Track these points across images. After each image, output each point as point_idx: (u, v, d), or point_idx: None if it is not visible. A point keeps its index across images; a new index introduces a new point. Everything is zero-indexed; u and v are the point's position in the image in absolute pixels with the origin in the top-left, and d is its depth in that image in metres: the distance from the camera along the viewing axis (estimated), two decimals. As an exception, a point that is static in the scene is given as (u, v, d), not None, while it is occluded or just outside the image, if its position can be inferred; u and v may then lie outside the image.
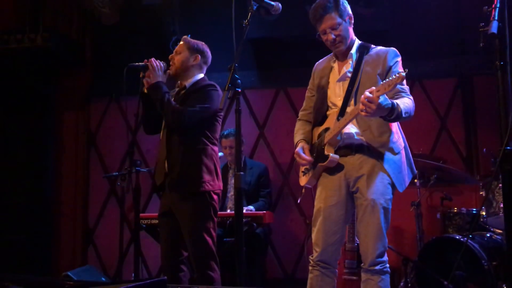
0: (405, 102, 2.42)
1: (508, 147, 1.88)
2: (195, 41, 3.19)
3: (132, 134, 4.66)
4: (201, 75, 3.17)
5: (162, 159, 3.03)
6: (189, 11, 5.05)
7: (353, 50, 2.61)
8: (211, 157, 3.01)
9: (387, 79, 2.23)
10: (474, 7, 2.01)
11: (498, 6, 1.90)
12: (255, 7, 2.35)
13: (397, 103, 2.35)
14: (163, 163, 3.01)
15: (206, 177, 2.95)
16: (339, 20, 2.54)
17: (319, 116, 2.70)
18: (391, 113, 2.32)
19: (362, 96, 2.26)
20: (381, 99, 2.25)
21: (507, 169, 1.88)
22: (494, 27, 1.86)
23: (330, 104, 2.65)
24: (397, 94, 2.47)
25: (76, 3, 5.00)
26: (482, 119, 4.70)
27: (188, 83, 3.12)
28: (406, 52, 2.64)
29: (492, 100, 1.93)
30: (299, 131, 2.77)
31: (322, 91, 2.66)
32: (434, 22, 4.77)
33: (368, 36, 2.71)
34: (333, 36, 2.54)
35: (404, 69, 2.18)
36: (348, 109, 2.54)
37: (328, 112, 2.66)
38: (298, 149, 2.65)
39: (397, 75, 2.19)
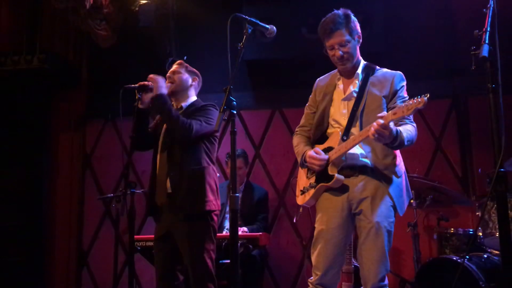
0: (408, 130, 2.41)
1: (502, 169, 1.89)
2: (187, 65, 3.28)
3: (127, 156, 4.66)
4: (196, 97, 3.24)
5: (163, 178, 3.02)
6: (184, 33, 5.12)
7: (359, 70, 2.62)
8: (213, 176, 3.04)
9: (406, 103, 2.21)
10: (469, 28, 2.04)
11: (488, 30, 1.93)
12: (250, 30, 2.37)
13: (400, 131, 2.33)
14: (164, 183, 3.00)
15: (211, 196, 2.97)
16: (348, 37, 2.54)
17: (319, 133, 2.69)
18: (394, 141, 2.31)
19: (375, 122, 2.25)
20: (391, 125, 2.25)
21: (501, 190, 1.89)
22: (485, 51, 1.89)
23: (332, 122, 2.64)
24: (401, 120, 2.46)
25: (73, 25, 5.04)
26: (477, 140, 4.72)
27: (184, 103, 3.17)
28: (400, 73, 2.67)
29: (486, 120, 1.95)
30: (301, 144, 2.74)
31: (324, 108, 2.66)
32: (428, 43, 4.84)
33: (363, 57, 2.74)
34: (340, 53, 2.54)
35: (425, 94, 2.18)
36: (353, 130, 2.54)
37: (329, 131, 2.65)
38: (310, 152, 2.60)
39: (418, 99, 2.16)
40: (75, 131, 5.49)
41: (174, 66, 3.22)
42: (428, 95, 2.16)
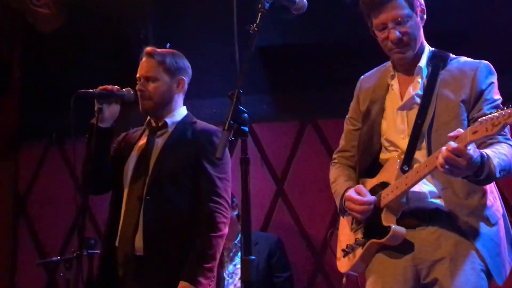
0: (503, 153, 2.38)
1: None
2: (169, 53, 3.24)
3: (82, 196, 4.67)
4: (185, 109, 3.27)
5: (130, 232, 3.02)
6: (167, 9, 5.13)
7: (423, 62, 2.62)
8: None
9: (489, 115, 2.18)
10: None
11: None
12: (267, 5, 2.36)
13: (487, 156, 2.31)
14: (130, 239, 3.01)
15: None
16: (407, 11, 2.52)
17: (367, 160, 2.69)
18: (480, 172, 2.29)
19: (445, 148, 2.23)
20: (470, 149, 2.22)
21: None
22: None
23: (385, 144, 2.64)
24: (490, 138, 2.41)
25: (0, 1, 5.12)
26: None
27: (170, 119, 3.20)
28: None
29: None
30: (340, 179, 2.76)
31: (372, 122, 2.68)
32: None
33: (435, 40, 2.73)
34: (397, 34, 2.53)
35: None
36: (418, 155, 2.52)
37: (382, 156, 2.65)
38: (349, 191, 2.61)
39: (508, 111, 2.13)
40: (2, 159, 5.54)
41: (145, 65, 3.20)
42: None
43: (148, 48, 3.23)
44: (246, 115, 2.25)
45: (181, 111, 3.23)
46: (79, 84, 3.18)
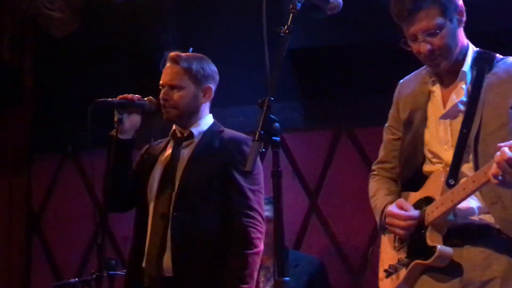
0: None
1: None
2: (195, 58, 3.24)
3: (100, 214, 4.69)
4: (211, 117, 3.29)
5: (156, 250, 3.04)
6: (189, 11, 5.13)
7: (466, 66, 2.60)
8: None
9: None
10: None
11: None
12: (299, 5, 2.36)
13: None
14: (158, 258, 3.03)
15: None
16: (440, 20, 2.50)
17: (410, 172, 2.69)
18: None
19: (499, 154, 2.21)
20: None
21: None
22: None
23: (429, 155, 2.63)
24: None
25: (11, 5, 5.16)
26: None
27: (195, 128, 3.21)
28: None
29: None
30: (380, 192, 2.76)
31: (414, 132, 2.67)
32: None
33: (482, 39, 2.71)
34: (428, 48, 2.52)
35: None
36: (465, 168, 2.51)
37: (426, 168, 2.64)
38: (391, 207, 2.60)
39: None
40: (14, 174, 5.58)
41: (168, 71, 3.20)
42: None
43: (173, 53, 3.22)
44: (277, 124, 2.24)
45: (207, 120, 3.25)
46: (96, 93, 3.19)
